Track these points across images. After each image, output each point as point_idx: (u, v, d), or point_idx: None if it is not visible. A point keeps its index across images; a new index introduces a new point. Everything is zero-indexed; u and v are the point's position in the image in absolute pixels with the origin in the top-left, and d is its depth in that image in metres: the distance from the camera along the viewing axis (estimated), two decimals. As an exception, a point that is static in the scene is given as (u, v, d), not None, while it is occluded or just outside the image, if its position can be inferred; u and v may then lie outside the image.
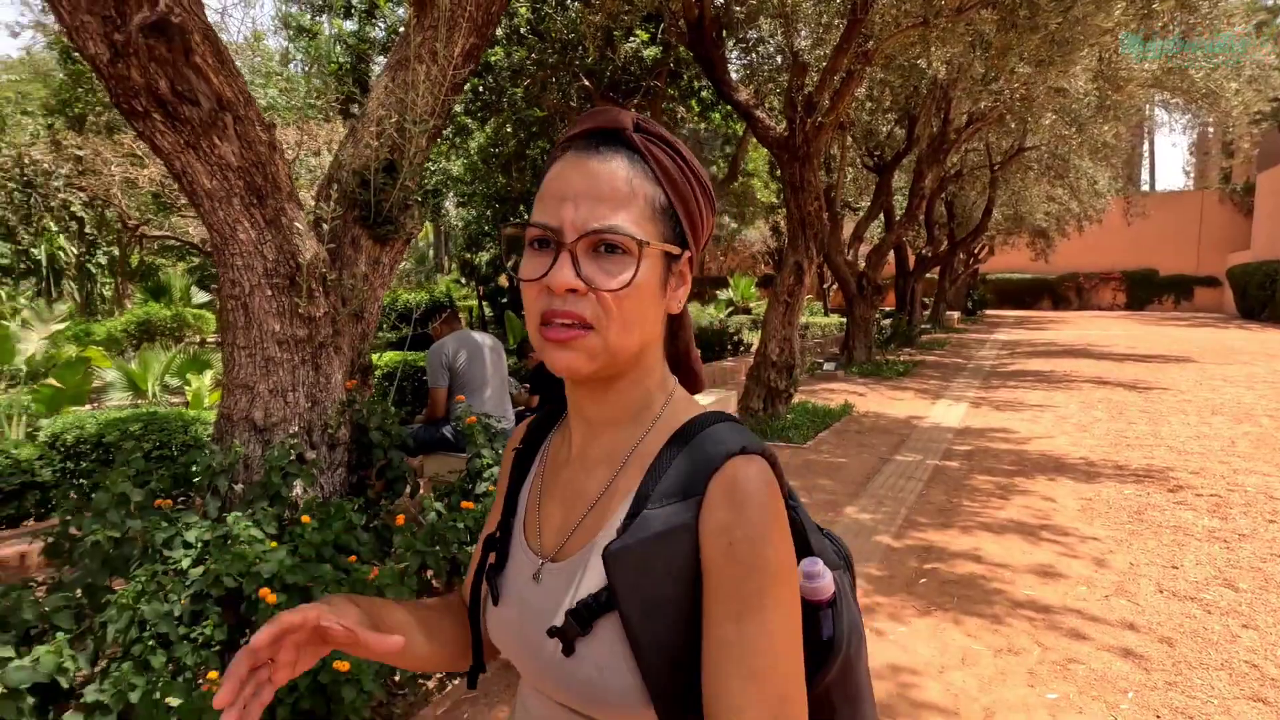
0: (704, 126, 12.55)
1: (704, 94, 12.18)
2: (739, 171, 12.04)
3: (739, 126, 12.12)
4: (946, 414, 7.83)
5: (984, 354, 14.00)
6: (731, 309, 20.91)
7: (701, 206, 0.64)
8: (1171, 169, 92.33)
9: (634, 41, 10.11)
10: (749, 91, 7.12)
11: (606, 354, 0.59)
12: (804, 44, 7.54)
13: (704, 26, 6.37)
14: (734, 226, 16.74)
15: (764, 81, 9.45)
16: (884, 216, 13.51)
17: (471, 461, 2.93)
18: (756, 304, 23.06)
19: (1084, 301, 30.49)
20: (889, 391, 9.43)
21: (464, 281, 16.99)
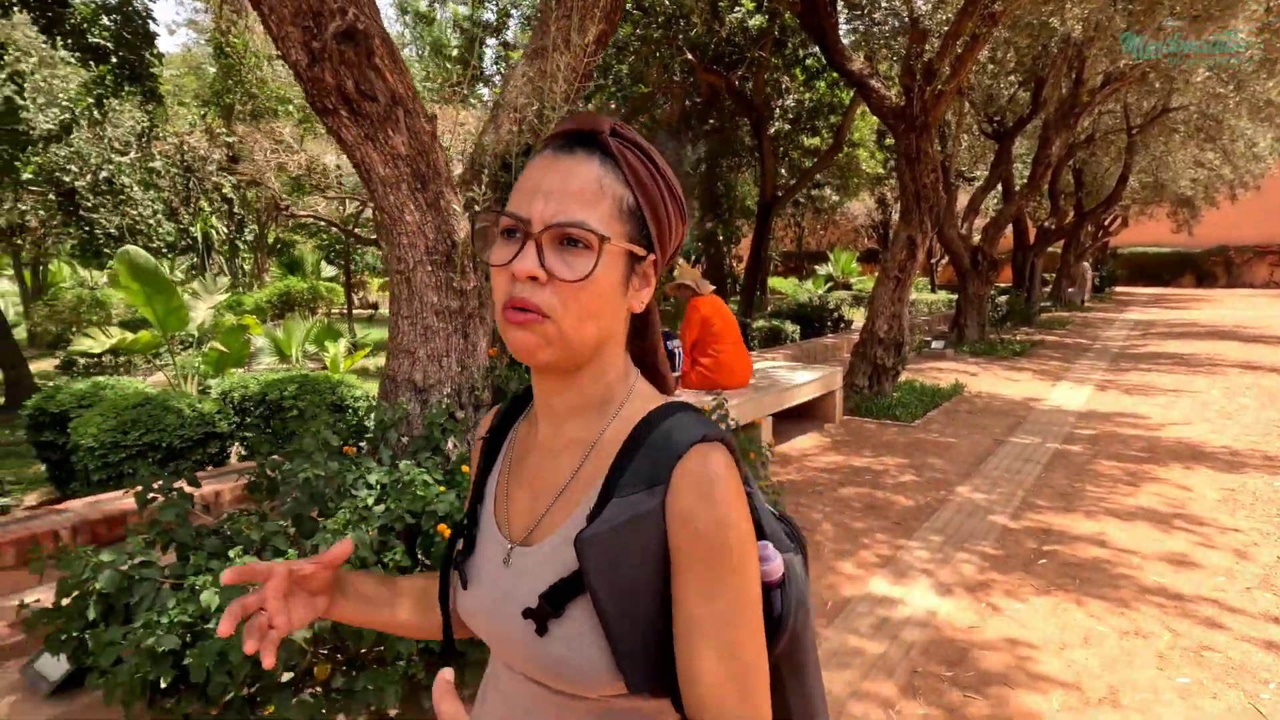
0: (808, 96, 12.21)
1: (809, 62, 11.83)
2: (844, 142, 11.66)
3: (845, 95, 11.71)
4: (1069, 396, 7.42)
5: (1112, 334, 13.01)
6: (831, 284, 20.33)
7: (670, 213, 0.67)
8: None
9: (739, 11, 9.97)
10: (861, 60, 6.92)
11: (562, 341, 0.62)
12: (924, 8, 7.22)
13: (818, -5, 6.25)
14: (835, 199, 16.16)
15: (877, 48, 9.10)
16: (1002, 187, 12.69)
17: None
18: (857, 280, 22.29)
19: (1233, 278, 27.37)
20: (1004, 372, 9.02)
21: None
